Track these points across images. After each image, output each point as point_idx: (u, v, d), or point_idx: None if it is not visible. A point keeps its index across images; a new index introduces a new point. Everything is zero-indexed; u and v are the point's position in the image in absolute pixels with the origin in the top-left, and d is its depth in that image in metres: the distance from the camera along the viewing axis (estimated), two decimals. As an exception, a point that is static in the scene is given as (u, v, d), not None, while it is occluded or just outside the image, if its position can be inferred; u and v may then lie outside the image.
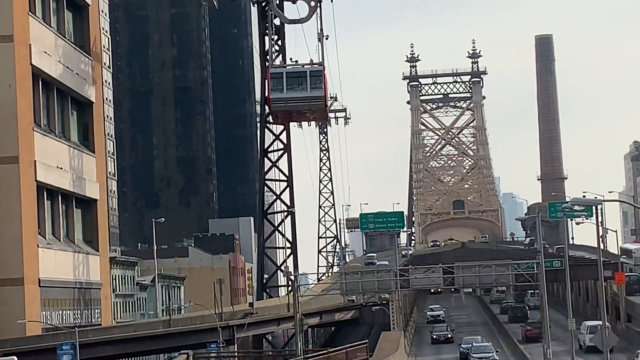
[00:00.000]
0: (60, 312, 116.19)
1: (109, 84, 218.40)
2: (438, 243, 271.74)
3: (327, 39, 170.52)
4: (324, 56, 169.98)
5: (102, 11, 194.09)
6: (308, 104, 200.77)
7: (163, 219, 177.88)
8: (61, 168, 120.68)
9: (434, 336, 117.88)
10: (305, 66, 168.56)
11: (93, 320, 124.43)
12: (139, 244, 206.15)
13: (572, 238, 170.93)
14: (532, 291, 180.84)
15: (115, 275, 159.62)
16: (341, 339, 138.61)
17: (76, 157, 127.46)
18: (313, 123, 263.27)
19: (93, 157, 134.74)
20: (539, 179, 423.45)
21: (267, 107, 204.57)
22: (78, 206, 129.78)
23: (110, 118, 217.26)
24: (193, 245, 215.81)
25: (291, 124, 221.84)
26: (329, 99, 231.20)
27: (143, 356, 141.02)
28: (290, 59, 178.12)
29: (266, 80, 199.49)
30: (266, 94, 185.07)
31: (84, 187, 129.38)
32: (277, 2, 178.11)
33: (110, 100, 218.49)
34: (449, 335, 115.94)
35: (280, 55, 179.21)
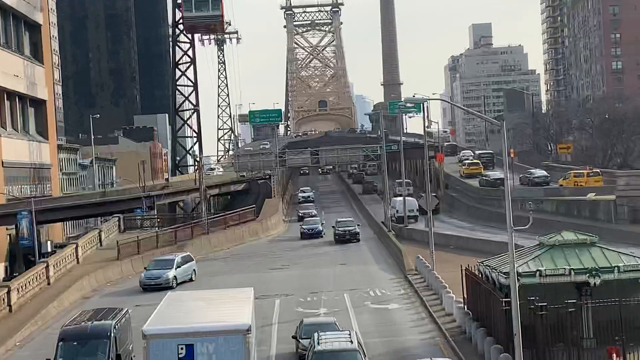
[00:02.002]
0: (20, 187, 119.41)
1: (54, 10, 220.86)
2: (307, 133, 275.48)
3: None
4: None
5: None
6: (210, 20, 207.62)
7: (98, 115, 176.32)
8: (17, 76, 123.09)
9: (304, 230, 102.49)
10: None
11: (45, 193, 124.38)
12: (80, 135, 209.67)
13: (406, 128, 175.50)
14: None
15: (62, 159, 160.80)
16: (235, 205, 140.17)
17: (29, 67, 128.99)
18: (213, 42, 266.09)
19: (42, 68, 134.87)
20: (382, 84, 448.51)
21: (177, 29, 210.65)
22: (32, 105, 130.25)
23: (55, 37, 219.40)
24: (122, 135, 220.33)
25: (196, 42, 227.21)
26: (225, 22, 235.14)
27: (84, 219, 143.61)
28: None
29: (179, 4, 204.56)
30: (180, 14, 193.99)
31: (36, 91, 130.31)
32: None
33: (55, 24, 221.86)
34: (320, 229, 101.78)
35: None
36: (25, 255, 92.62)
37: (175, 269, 71.61)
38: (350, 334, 41.18)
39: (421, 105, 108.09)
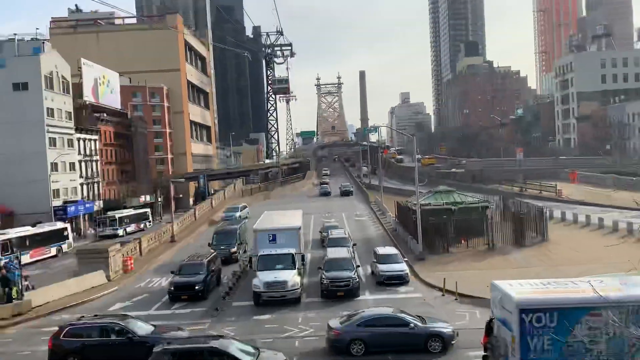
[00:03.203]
0: (199, 165, 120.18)
1: (214, 83, 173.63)
2: (325, 141, 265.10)
3: None
4: None
5: None
6: (283, 88, 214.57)
7: (234, 133, 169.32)
8: (197, 115, 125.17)
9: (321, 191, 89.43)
10: None
11: (209, 167, 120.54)
12: (225, 142, 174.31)
13: (370, 139, 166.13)
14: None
15: (217, 153, 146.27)
16: (293, 173, 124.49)
17: (203, 112, 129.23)
18: (284, 100, 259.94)
19: (208, 111, 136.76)
20: (360, 119, 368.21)
21: (268, 93, 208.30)
22: (204, 129, 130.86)
23: (214, 97, 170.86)
24: (244, 142, 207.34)
25: (277, 99, 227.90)
26: (290, 91, 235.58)
27: (227, 179, 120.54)
28: None
29: (270, 83, 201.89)
30: (270, 88, 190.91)
31: (207, 121, 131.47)
32: None
33: (214, 91, 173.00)
34: (329, 191, 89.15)
35: None
36: (201, 194, 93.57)
37: (240, 211, 61.42)
38: (345, 230, 41.79)
39: (377, 129, 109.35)
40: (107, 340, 19.25)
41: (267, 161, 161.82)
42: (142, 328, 19.98)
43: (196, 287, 28.70)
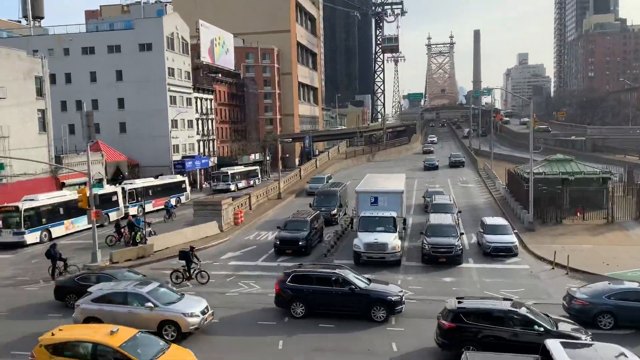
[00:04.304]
0: (305, 126, 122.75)
1: (322, 44, 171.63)
2: (433, 104, 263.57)
3: None
4: None
5: None
6: (392, 46, 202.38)
7: (340, 95, 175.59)
8: (306, 77, 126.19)
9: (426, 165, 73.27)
10: None
11: (315, 128, 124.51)
12: (331, 103, 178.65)
13: (484, 103, 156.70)
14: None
15: (323, 114, 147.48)
16: (397, 137, 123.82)
17: (311, 73, 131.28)
18: (392, 61, 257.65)
19: (316, 72, 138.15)
20: (472, 81, 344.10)
21: (376, 52, 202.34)
22: (312, 90, 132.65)
23: (322, 58, 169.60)
24: (349, 104, 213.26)
25: (385, 59, 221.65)
26: (399, 51, 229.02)
27: (331, 140, 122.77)
28: None
29: (378, 43, 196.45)
30: (378, 47, 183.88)
31: (314, 83, 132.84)
32: None
33: (322, 51, 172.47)
34: (436, 164, 71.98)
35: None
36: (307, 154, 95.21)
37: (326, 182, 51.59)
38: (450, 197, 40.72)
39: (490, 92, 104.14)
40: (330, 289, 19.72)
41: (372, 124, 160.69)
42: (361, 280, 20.25)
43: (300, 243, 29.84)
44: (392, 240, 27.41)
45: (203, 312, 18.47)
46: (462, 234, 29.67)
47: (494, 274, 25.69)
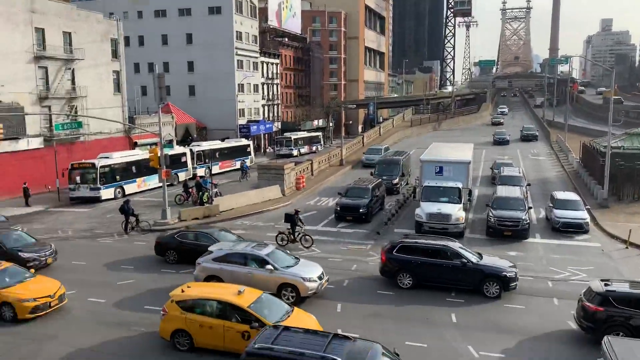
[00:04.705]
0: (370, 92, 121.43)
1: (391, 8, 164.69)
2: (506, 72, 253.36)
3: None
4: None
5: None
6: (465, 10, 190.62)
7: (407, 60, 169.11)
8: (374, 41, 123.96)
9: (496, 139, 66.37)
10: None
11: (380, 95, 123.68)
12: (397, 69, 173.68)
13: (560, 72, 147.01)
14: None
15: (389, 80, 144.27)
16: (466, 105, 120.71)
17: (379, 37, 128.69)
18: (464, 25, 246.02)
19: (383, 37, 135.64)
20: (548, 49, 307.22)
21: (448, 16, 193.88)
22: (378, 55, 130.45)
23: (390, 22, 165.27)
24: (417, 70, 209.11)
25: (456, 24, 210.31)
26: (471, 15, 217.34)
27: (397, 107, 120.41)
28: None
29: (450, 7, 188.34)
30: (450, 11, 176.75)
31: (381, 47, 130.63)
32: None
33: (391, 15, 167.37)
34: (507, 138, 64.61)
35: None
36: (370, 121, 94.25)
37: (383, 154, 48.13)
38: (519, 169, 39.27)
39: (568, 60, 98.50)
40: (440, 262, 19.15)
41: (440, 91, 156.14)
42: (472, 254, 19.61)
43: (360, 210, 29.84)
44: (456, 211, 26.86)
45: (320, 278, 18.53)
46: (530, 207, 28.63)
47: (561, 250, 24.73)
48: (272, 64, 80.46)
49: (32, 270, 19.22)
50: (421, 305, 17.97)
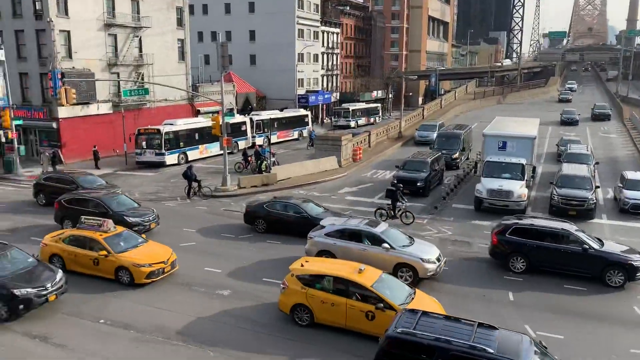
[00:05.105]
0: (432, 63, 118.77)
1: None
2: (577, 44, 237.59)
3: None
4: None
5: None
6: None
7: (472, 30, 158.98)
8: (437, 11, 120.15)
9: (563, 119, 59.92)
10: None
11: (444, 67, 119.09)
12: (461, 39, 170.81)
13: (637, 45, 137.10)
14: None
15: (452, 51, 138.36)
16: (533, 79, 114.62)
17: (444, 6, 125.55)
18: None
19: (448, 6, 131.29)
20: (626, 20, 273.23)
21: None
22: (441, 24, 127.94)
23: None
24: (482, 41, 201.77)
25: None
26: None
27: (459, 79, 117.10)
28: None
29: None
30: None
31: (445, 17, 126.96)
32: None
33: None
34: (576, 118, 58.53)
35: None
36: (431, 93, 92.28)
37: (438, 131, 44.78)
38: (587, 146, 37.47)
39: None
40: (558, 246, 18.18)
41: (506, 63, 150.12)
42: (592, 240, 18.42)
43: (418, 184, 29.47)
44: (518, 188, 26.09)
45: (437, 259, 17.79)
46: (597, 187, 27.34)
47: (629, 232, 23.60)
48: (333, 33, 79.69)
49: (144, 236, 19.38)
50: (541, 293, 17.08)
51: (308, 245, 18.88)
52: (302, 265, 14.83)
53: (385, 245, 17.60)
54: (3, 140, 36.35)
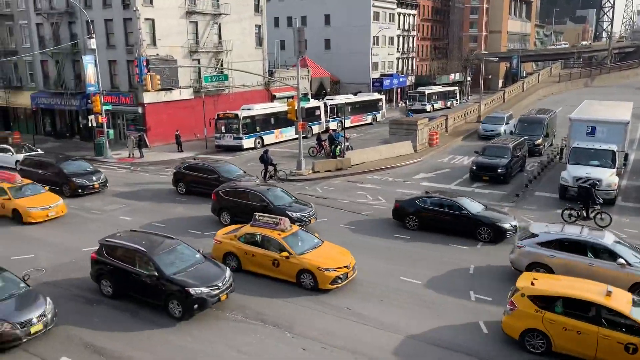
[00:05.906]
0: (514, 44, 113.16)
1: None
2: None
3: None
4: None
5: None
6: None
7: (558, 9, 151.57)
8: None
9: None
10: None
11: (525, 47, 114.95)
12: (545, 19, 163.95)
13: None
14: None
15: (536, 31, 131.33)
16: (625, 59, 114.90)
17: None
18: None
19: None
20: None
21: None
22: (524, 2, 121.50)
23: None
24: (569, 20, 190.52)
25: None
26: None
27: (541, 61, 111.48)
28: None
29: None
30: None
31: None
32: None
33: None
34: None
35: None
36: (512, 76, 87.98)
37: (505, 124, 42.87)
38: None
39: None
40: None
41: (594, 43, 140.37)
42: None
43: (498, 170, 28.43)
44: (607, 176, 24.47)
45: None
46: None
47: None
48: (409, 15, 77.92)
49: (317, 234, 17.71)
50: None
51: (516, 255, 16.51)
52: (532, 284, 12.99)
53: (621, 260, 14.77)
54: (94, 124, 38.48)
